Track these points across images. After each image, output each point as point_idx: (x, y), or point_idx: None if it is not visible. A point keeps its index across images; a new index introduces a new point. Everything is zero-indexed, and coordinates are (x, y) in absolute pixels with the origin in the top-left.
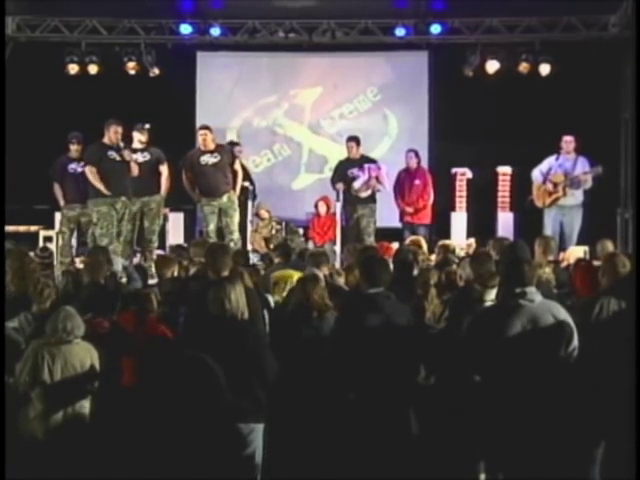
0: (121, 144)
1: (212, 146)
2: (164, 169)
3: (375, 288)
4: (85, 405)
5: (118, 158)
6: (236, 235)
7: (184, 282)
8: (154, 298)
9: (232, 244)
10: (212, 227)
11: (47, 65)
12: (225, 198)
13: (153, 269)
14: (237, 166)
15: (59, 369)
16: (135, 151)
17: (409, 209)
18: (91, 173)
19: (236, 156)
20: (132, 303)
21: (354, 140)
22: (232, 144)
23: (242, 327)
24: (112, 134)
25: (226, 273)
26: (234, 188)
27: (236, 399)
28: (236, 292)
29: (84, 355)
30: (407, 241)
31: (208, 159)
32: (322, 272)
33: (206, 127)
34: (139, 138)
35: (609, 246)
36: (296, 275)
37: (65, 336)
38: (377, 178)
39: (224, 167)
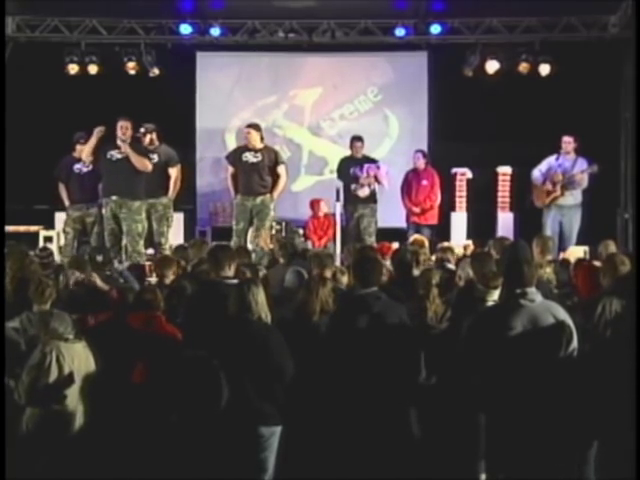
0: (120, 140)
1: (258, 145)
2: (173, 171)
3: (366, 289)
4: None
5: (117, 156)
6: (263, 239)
7: (184, 282)
8: (161, 298)
9: (258, 246)
10: (241, 226)
11: (47, 65)
12: (258, 200)
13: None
14: (280, 170)
15: (75, 367)
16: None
17: (416, 209)
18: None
19: (282, 161)
20: (141, 303)
21: (360, 140)
22: None
23: (266, 328)
24: (118, 130)
25: (230, 273)
26: (272, 192)
27: (260, 402)
28: (261, 293)
29: (88, 353)
30: (410, 240)
31: (249, 157)
32: (327, 273)
33: (252, 125)
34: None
35: (611, 247)
36: None
37: (73, 335)
38: (375, 177)
39: (262, 169)
